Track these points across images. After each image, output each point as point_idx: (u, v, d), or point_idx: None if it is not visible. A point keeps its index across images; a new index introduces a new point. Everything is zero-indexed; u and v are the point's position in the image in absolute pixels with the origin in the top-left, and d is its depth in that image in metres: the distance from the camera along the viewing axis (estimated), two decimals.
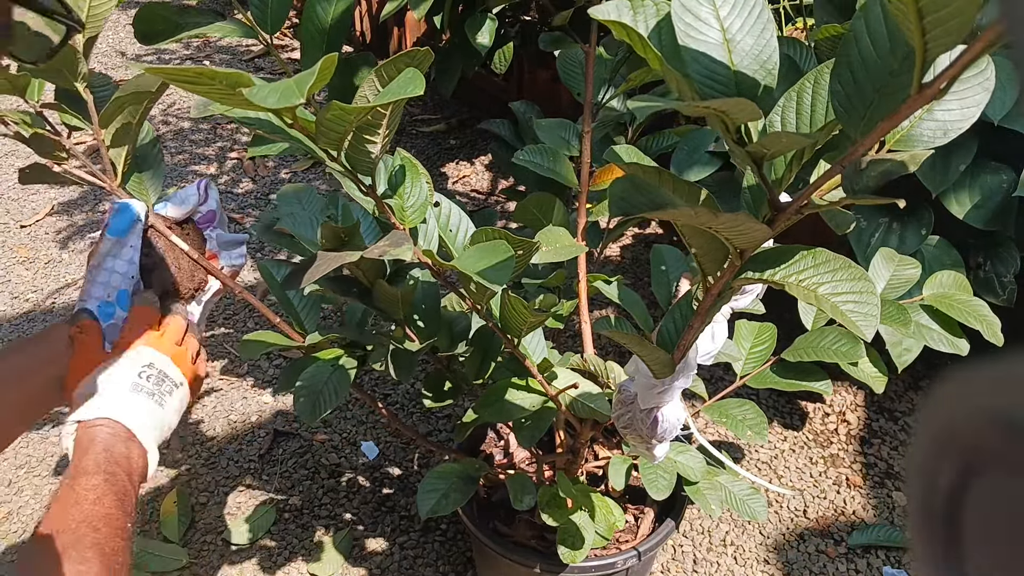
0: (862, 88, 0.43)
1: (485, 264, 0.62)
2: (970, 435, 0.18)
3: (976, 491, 0.19)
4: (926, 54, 0.35)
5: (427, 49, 0.53)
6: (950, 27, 0.32)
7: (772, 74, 0.47)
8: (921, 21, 0.32)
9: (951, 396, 0.19)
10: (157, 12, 0.81)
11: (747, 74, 0.47)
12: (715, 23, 0.47)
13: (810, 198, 0.47)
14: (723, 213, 0.44)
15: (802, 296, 0.50)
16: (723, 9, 0.47)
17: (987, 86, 0.45)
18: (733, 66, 0.47)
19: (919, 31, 0.33)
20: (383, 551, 1.42)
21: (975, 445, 0.18)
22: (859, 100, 0.43)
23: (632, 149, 0.72)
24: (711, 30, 0.47)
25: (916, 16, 0.32)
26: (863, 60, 0.43)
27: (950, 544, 0.20)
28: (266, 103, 0.44)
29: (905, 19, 0.33)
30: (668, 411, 0.71)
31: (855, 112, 0.43)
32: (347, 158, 0.61)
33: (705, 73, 0.47)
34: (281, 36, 3.53)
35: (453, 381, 1.03)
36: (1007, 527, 0.18)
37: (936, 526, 0.20)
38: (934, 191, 1.39)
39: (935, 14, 0.32)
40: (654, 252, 0.99)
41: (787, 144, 0.45)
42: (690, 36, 0.47)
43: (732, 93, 0.47)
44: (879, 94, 0.42)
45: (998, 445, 0.17)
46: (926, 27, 0.33)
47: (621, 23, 0.43)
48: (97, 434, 0.67)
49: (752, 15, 0.47)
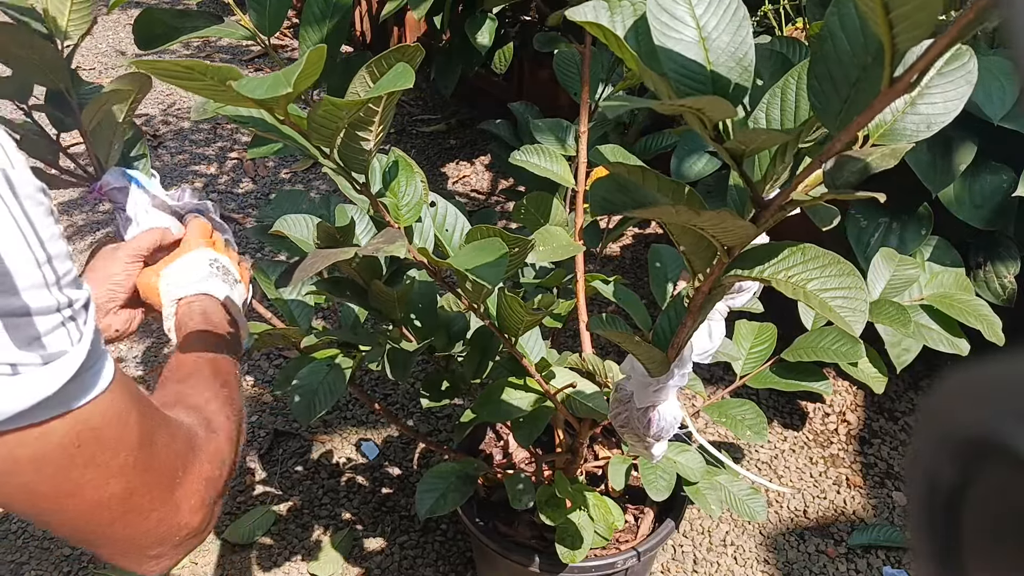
0: (837, 83, 0.43)
1: (479, 261, 0.61)
2: (970, 435, 0.18)
3: (976, 491, 0.19)
4: (895, 48, 0.35)
5: (417, 45, 0.53)
6: (917, 20, 0.32)
7: (748, 71, 0.47)
8: (888, 15, 0.33)
9: (951, 396, 0.19)
10: (156, 17, 0.82)
11: (723, 73, 0.47)
12: (691, 21, 0.47)
13: (792, 194, 0.47)
14: (705, 211, 0.44)
15: (790, 292, 0.49)
16: (699, 7, 0.47)
17: (970, 79, 0.45)
18: (709, 64, 0.47)
19: (886, 25, 0.33)
20: (383, 551, 1.42)
21: (975, 445, 0.18)
22: (834, 95, 0.43)
23: (618, 148, 0.72)
24: (687, 28, 0.47)
25: (882, 10, 0.32)
26: (837, 55, 0.43)
27: (950, 544, 0.20)
28: (254, 95, 0.44)
29: (872, 14, 0.33)
30: (664, 409, 0.71)
31: (831, 107, 0.43)
32: (340, 155, 0.61)
33: (681, 72, 0.47)
34: (281, 36, 3.53)
35: (451, 381, 1.03)
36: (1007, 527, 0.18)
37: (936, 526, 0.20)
38: (934, 191, 1.39)
39: (901, 8, 0.32)
40: (652, 251, 0.99)
41: (766, 140, 0.45)
42: (666, 35, 0.47)
43: (708, 91, 0.47)
44: (854, 88, 0.42)
45: (998, 445, 0.17)
46: (893, 21, 0.33)
47: (598, 24, 0.42)
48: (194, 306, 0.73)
49: (728, 13, 0.47)
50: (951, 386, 0.19)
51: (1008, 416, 0.17)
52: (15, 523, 1.47)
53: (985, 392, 0.18)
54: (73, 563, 1.40)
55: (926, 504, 0.20)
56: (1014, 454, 0.16)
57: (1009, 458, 0.17)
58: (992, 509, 0.18)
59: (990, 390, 0.18)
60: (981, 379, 0.18)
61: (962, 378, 0.18)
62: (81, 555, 1.42)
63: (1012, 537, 0.17)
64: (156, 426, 0.47)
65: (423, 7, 1.54)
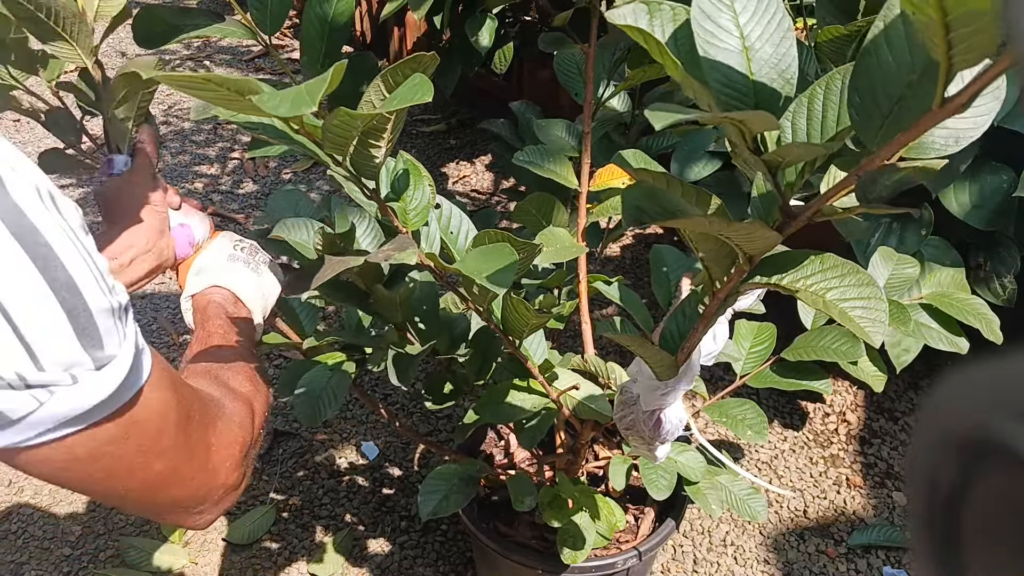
0: (879, 99, 0.42)
1: (489, 268, 0.61)
2: (970, 434, 0.18)
3: (976, 491, 0.19)
4: (950, 68, 0.34)
5: (433, 54, 0.52)
6: (974, 43, 0.32)
7: (791, 84, 0.46)
8: (947, 36, 0.32)
9: (951, 396, 0.19)
10: (156, 15, 0.81)
11: (766, 83, 0.46)
12: (735, 30, 0.46)
13: (822, 206, 0.47)
14: (736, 222, 0.43)
15: (810, 302, 0.49)
16: (743, 16, 0.46)
17: (998, 95, 0.44)
18: (752, 75, 0.46)
19: (944, 45, 0.33)
20: (383, 551, 1.42)
21: (975, 444, 0.18)
22: (876, 110, 0.42)
23: (639, 154, 0.72)
24: (731, 38, 0.46)
25: (942, 31, 0.32)
26: (882, 70, 0.42)
27: (950, 544, 0.20)
28: (278, 112, 0.44)
29: (931, 32, 0.32)
30: (671, 412, 0.71)
31: (872, 122, 0.43)
32: (352, 163, 0.61)
33: (724, 82, 0.46)
34: (281, 36, 3.53)
35: (454, 382, 1.03)
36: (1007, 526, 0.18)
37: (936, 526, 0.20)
38: (934, 191, 1.39)
39: (960, 30, 0.31)
40: (654, 252, 0.98)
41: (802, 154, 0.45)
42: (710, 43, 0.46)
43: (750, 103, 0.46)
44: (897, 105, 0.42)
45: (998, 445, 0.17)
46: (951, 42, 0.32)
47: (639, 28, 0.42)
48: (211, 298, 0.77)
49: (772, 23, 0.46)
50: (951, 386, 0.19)
51: (1008, 416, 0.17)
52: (15, 523, 1.47)
53: (985, 392, 0.18)
54: (73, 563, 1.40)
55: (926, 504, 0.20)
56: (1014, 454, 0.16)
57: (1009, 458, 0.17)
58: (992, 509, 0.18)
59: (990, 390, 0.18)
60: (981, 379, 0.18)
61: (962, 378, 0.19)
62: (81, 555, 1.42)
63: (1012, 537, 0.18)
64: (191, 403, 0.51)
65: (423, 7, 1.54)
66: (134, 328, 0.44)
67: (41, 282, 0.37)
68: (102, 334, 0.40)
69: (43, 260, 0.37)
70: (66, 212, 0.40)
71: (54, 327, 0.38)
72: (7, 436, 0.39)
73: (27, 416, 0.39)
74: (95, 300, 0.40)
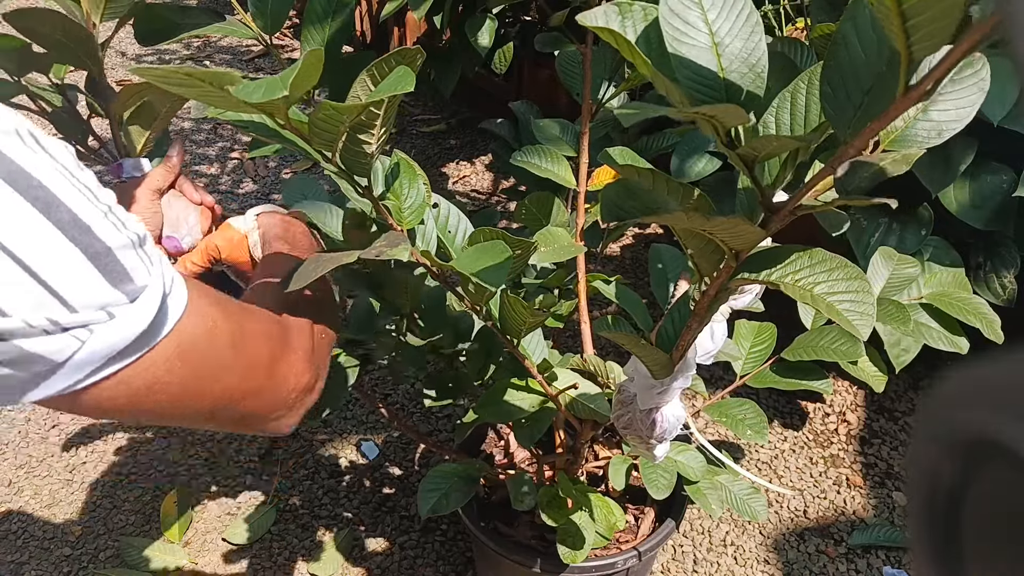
0: (850, 90, 0.43)
1: (483, 264, 0.61)
2: (970, 435, 0.18)
3: (976, 491, 0.19)
4: (911, 56, 0.35)
5: (418, 47, 0.52)
6: (933, 30, 0.32)
7: (761, 77, 0.47)
8: (904, 24, 0.32)
9: (951, 396, 0.19)
10: (156, 12, 0.81)
11: (736, 78, 0.47)
12: (703, 27, 0.47)
13: (803, 199, 0.47)
14: (716, 216, 0.44)
15: (798, 296, 0.49)
16: (711, 13, 0.47)
17: (982, 86, 0.45)
18: (722, 70, 0.47)
19: (903, 34, 0.33)
20: (383, 551, 1.42)
21: (975, 445, 0.18)
22: (848, 102, 0.43)
23: (626, 151, 0.72)
24: (699, 34, 0.46)
25: (899, 19, 0.32)
26: (851, 62, 0.43)
27: (950, 544, 0.20)
28: (251, 99, 0.44)
29: (889, 22, 0.33)
30: (668, 411, 0.71)
31: (844, 113, 0.43)
32: (342, 159, 0.61)
33: (694, 78, 0.46)
34: (281, 36, 3.53)
35: (455, 380, 1.03)
36: (1007, 527, 0.18)
37: (936, 526, 0.20)
38: (934, 191, 1.39)
39: (918, 18, 0.32)
40: (652, 252, 0.98)
41: (778, 146, 0.45)
42: (679, 40, 0.46)
43: (721, 97, 0.46)
44: (868, 96, 0.42)
45: (998, 445, 0.17)
46: (909, 30, 0.33)
47: (609, 29, 0.42)
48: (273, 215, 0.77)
49: (740, 18, 0.47)
50: (951, 386, 0.19)
51: (1008, 416, 0.17)
52: (15, 523, 1.47)
53: (985, 393, 0.18)
54: (73, 563, 1.40)
55: (926, 504, 0.20)
56: (1014, 454, 0.16)
57: (1009, 458, 0.17)
58: (992, 509, 0.18)
59: (990, 390, 0.18)
60: (981, 379, 0.18)
61: (962, 378, 0.19)
62: (81, 555, 1.42)
63: (1012, 537, 0.18)
64: (242, 319, 0.51)
65: (423, 7, 1.54)
66: (159, 256, 0.44)
67: (47, 225, 0.37)
68: (128, 268, 0.40)
69: (43, 203, 0.37)
70: (55, 152, 0.39)
71: (74, 268, 0.38)
72: (58, 381, 0.40)
73: (72, 357, 0.39)
74: (109, 237, 0.39)
